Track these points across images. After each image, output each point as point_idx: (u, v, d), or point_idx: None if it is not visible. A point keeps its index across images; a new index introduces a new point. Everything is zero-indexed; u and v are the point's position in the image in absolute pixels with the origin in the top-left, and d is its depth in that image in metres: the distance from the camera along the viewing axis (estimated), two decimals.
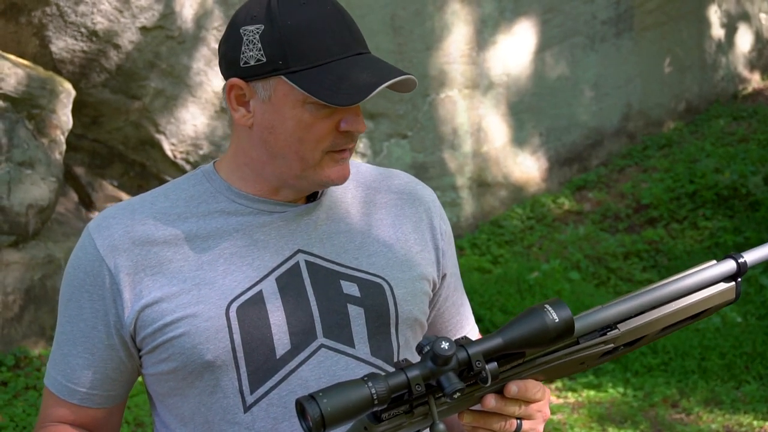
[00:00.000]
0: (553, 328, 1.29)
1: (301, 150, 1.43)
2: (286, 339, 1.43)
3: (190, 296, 1.43)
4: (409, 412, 1.27)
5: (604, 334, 1.39)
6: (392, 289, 1.50)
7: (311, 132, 1.42)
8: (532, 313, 1.30)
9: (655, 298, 1.43)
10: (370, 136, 7.37)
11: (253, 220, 1.49)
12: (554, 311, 1.30)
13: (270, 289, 1.45)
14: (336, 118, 1.41)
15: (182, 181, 1.55)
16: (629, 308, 1.40)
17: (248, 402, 1.43)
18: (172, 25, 6.14)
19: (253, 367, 1.42)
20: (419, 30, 7.42)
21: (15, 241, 5.15)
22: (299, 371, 1.43)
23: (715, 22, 9.50)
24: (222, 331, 1.41)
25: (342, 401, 1.19)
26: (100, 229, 1.48)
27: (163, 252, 1.45)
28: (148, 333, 1.44)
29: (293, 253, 1.48)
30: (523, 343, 1.28)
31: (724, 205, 7.66)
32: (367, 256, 1.52)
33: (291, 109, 1.41)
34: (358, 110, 1.42)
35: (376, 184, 1.62)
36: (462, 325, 1.70)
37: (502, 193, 8.04)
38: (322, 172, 1.44)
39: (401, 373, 1.24)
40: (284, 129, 1.43)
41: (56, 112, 5.37)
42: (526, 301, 6.33)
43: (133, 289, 1.44)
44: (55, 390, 1.50)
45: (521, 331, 1.28)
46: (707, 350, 5.78)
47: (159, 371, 1.46)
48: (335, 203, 1.55)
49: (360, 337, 1.47)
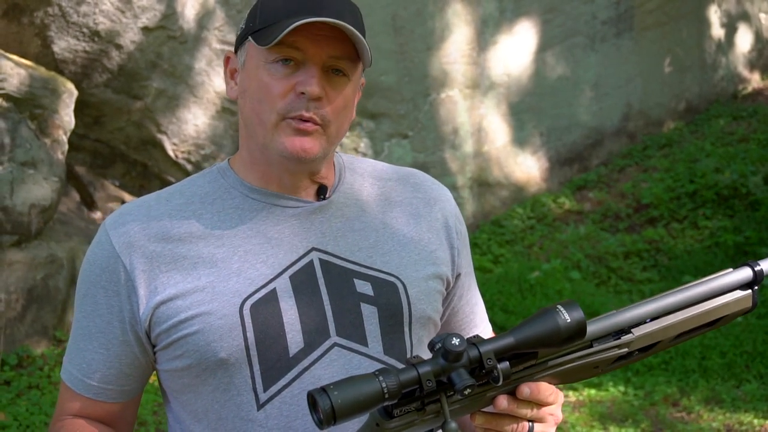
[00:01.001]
0: (565, 328, 1.29)
1: (261, 111, 1.45)
2: (300, 337, 1.44)
3: (205, 293, 1.44)
4: (421, 410, 1.27)
5: (618, 338, 1.39)
6: (406, 288, 1.50)
7: (269, 92, 1.43)
8: (544, 313, 1.30)
9: (670, 304, 1.42)
10: (371, 135, 7.38)
11: (267, 216, 1.50)
12: (567, 312, 1.30)
13: (284, 287, 1.45)
14: (293, 80, 1.43)
15: (198, 178, 1.56)
16: (644, 312, 1.40)
17: (261, 400, 1.44)
18: (174, 26, 6.15)
19: (267, 366, 1.43)
20: (420, 30, 7.43)
21: (17, 240, 5.16)
22: (312, 369, 1.44)
23: (715, 22, 9.51)
24: (236, 329, 1.42)
25: (353, 395, 1.20)
26: (116, 225, 1.49)
27: (178, 249, 1.46)
28: (162, 330, 1.45)
29: (307, 251, 1.49)
30: (535, 343, 1.28)
31: (724, 204, 7.68)
32: (381, 254, 1.52)
33: (255, 70, 1.46)
34: (315, 73, 1.42)
35: (392, 182, 1.62)
36: (476, 324, 1.70)
37: (502, 193, 8.05)
38: (279, 139, 1.44)
39: (412, 368, 1.24)
40: (250, 91, 1.47)
41: (58, 112, 5.39)
42: (527, 301, 6.34)
43: (148, 286, 1.45)
44: (70, 384, 1.52)
45: (533, 330, 1.28)
46: (708, 349, 5.79)
47: (173, 368, 1.48)
48: (350, 200, 1.55)
49: (373, 336, 1.47)
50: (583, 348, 1.37)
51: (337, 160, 1.60)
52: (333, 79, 1.44)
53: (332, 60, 1.43)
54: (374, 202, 1.57)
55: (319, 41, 1.42)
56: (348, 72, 1.46)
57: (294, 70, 1.43)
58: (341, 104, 1.46)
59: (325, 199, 1.53)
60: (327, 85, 1.44)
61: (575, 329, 1.29)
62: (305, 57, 1.42)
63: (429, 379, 1.24)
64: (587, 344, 1.37)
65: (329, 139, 1.46)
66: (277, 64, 1.43)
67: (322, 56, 1.42)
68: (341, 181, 1.57)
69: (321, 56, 1.42)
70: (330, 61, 1.43)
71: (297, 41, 1.41)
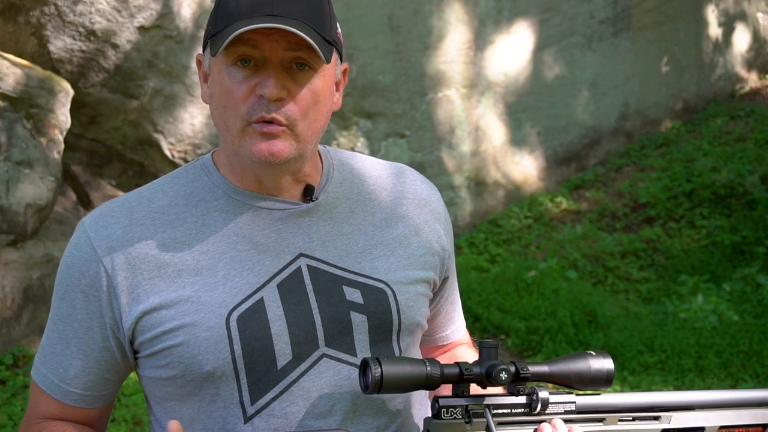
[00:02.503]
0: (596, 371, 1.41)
1: (226, 118, 1.40)
2: (288, 349, 1.41)
3: (190, 304, 1.39)
4: (468, 422, 1.37)
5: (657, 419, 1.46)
6: (395, 295, 1.48)
7: (231, 97, 1.38)
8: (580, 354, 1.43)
9: (724, 399, 1.49)
10: (368, 135, 7.37)
11: (252, 219, 1.45)
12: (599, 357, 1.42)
13: (271, 297, 1.41)
14: (252, 82, 1.37)
15: (181, 175, 1.50)
16: (694, 400, 1.47)
17: (249, 413, 1.41)
18: (170, 25, 6.15)
19: (254, 378, 1.40)
20: (417, 29, 7.43)
21: (13, 240, 5.15)
22: (301, 382, 1.41)
23: (712, 21, 9.51)
24: (222, 341, 1.39)
25: (401, 371, 1.32)
26: (98, 228, 1.44)
27: (162, 255, 1.41)
28: (146, 339, 1.41)
29: (295, 257, 1.45)
30: (564, 377, 1.41)
31: (721, 204, 7.68)
32: (370, 260, 1.49)
33: (218, 75, 1.40)
34: (271, 74, 1.36)
35: (382, 180, 1.58)
36: (454, 320, 1.72)
37: (499, 193, 8.05)
38: (246, 145, 1.39)
39: (456, 365, 1.37)
40: (216, 97, 1.42)
41: (54, 112, 5.38)
42: (523, 300, 6.33)
43: (131, 293, 1.40)
44: (46, 388, 1.47)
45: (566, 364, 1.41)
46: (704, 349, 5.79)
47: (157, 376, 1.44)
48: (338, 201, 1.51)
49: (362, 346, 1.45)
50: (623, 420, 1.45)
51: (326, 156, 1.55)
52: (296, 74, 1.38)
53: (291, 54, 1.36)
54: (363, 203, 1.53)
55: (274, 37, 1.35)
56: (313, 64, 1.38)
57: (253, 71, 1.37)
58: (309, 100, 1.39)
59: (312, 200, 1.48)
60: (290, 82, 1.38)
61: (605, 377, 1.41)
62: (263, 54, 1.36)
63: (468, 368, 1.36)
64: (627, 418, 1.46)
65: (300, 138, 1.40)
66: (236, 66, 1.38)
67: (279, 52, 1.36)
68: (329, 180, 1.52)
69: (278, 52, 1.36)
70: (289, 56, 1.37)
71: (252, 39, 1.35)
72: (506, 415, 1.40)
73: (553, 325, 5.98)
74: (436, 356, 1.71)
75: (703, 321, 6.08)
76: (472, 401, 1.37)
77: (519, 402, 1.40)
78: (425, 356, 1.66)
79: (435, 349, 1.72)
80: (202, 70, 1.48)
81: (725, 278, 6.75)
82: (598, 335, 5.95)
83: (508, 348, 5.96)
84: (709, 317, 6.11)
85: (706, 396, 1.46)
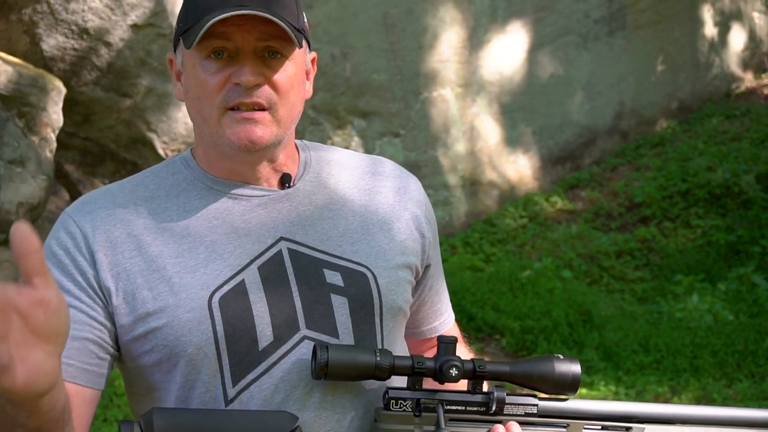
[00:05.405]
0: (559, 375, 1.38)
1: (202, 109, 1.44)
2: (269, 331, 1.42)
3: (171, 284, 1.41)
4: (418, 415, 1.36)
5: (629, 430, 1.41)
6: (376, 278, 1.49)
7: (206, 89, 1.42)
8: (544, 357, 1.40)
9: (700, 416, 1.43)
10: (362, 134, 7.36)
11: (233, 206, 1.48)
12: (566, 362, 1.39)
13: (252, 279, 1.43)
14: (226, 72, 1.41)
15: (161, 170, 1.54)
16: (670, 415, 1.42)
17: (229, 395, 1.42)
18: (164, 23, 6.13)
19: (236, 360, 1.41)
20: (412, 28, 7.42)
21: (5, 239, 5.13)
22: (281, 363, 1.42)
23: (708, 21, 9.51)
24: (205, 322, 1.40)
25: (348, 358, 1.34)
26: (81, 213, 1.47)
27: (144, 237, 1.44)
28: (129, 321, 1.41)
29: (276, 241, 1.47)
30: (526, 378, 1.39)
31: (716, 203, 7.67)
32: (350, 243, 1.50)
33: (192, 69, 1.45)
34: (246, 62, 1.40)
35: (360, 170, 1.61)
36: (441, 312, 1.71)
37: (494, 192, 8.04)
38: (224, 132, 1.42)
39: (410, 358, 1.37)
40: (191, 92, 1.46)
41: (47, 110, 5.36)
42: (518, 300, 6.32)
43: (112, 270, 1.42)
44: None
45: (530, 366, 1.39)
46: (699, 348, 5.78)
47: (142, 364, 1.44)
48: (317, 188, 1.54)
49: (344, 328, 1.45)
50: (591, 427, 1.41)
51: (303, 148, 1.59)
52: (270, 62, 1.43)
53: (263, 44, 1.41)
54: (342, 190, 1.56)
55: (245, 27, 1.40)
56: (285, 52, 1.43)
57: (227, 62, 1.42)
58: (286, 85, 1.44)
59: (290, 187, 1.51)
60: (265, 69, 1.42)
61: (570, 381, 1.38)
62: (236, 45, 1.41)
63: (420, 362, 1.37)
64: (596, 426, 1.41)
65: (279, 123, 1.45)
66: (209, 59, 1.42)
67: (251, 42, 1.41)
68: (307, 169, 1.55)
69: (250, 42, 1.41)
70: (261, 46, 1.42)
71: (225, 31, 1.39)
72: (460, 413, 1.37)
73: (548, 324, 5.97)
74: (424, 350, 1.72)
75: (698, 321, 6.08)
76: (424, 395, 1.37)
77: (474, 400, 1.38)
78: (414, 350, 1.68)
79: (424, 342, 1.73)
80: (174, 69, 1.52)
81: (720, 278, 6.74)
82: (593, 335, 5.94)
83: (503, 348, 5.95)
84: (704, 317, 6.10)
85: (682, 410, 1.42)
